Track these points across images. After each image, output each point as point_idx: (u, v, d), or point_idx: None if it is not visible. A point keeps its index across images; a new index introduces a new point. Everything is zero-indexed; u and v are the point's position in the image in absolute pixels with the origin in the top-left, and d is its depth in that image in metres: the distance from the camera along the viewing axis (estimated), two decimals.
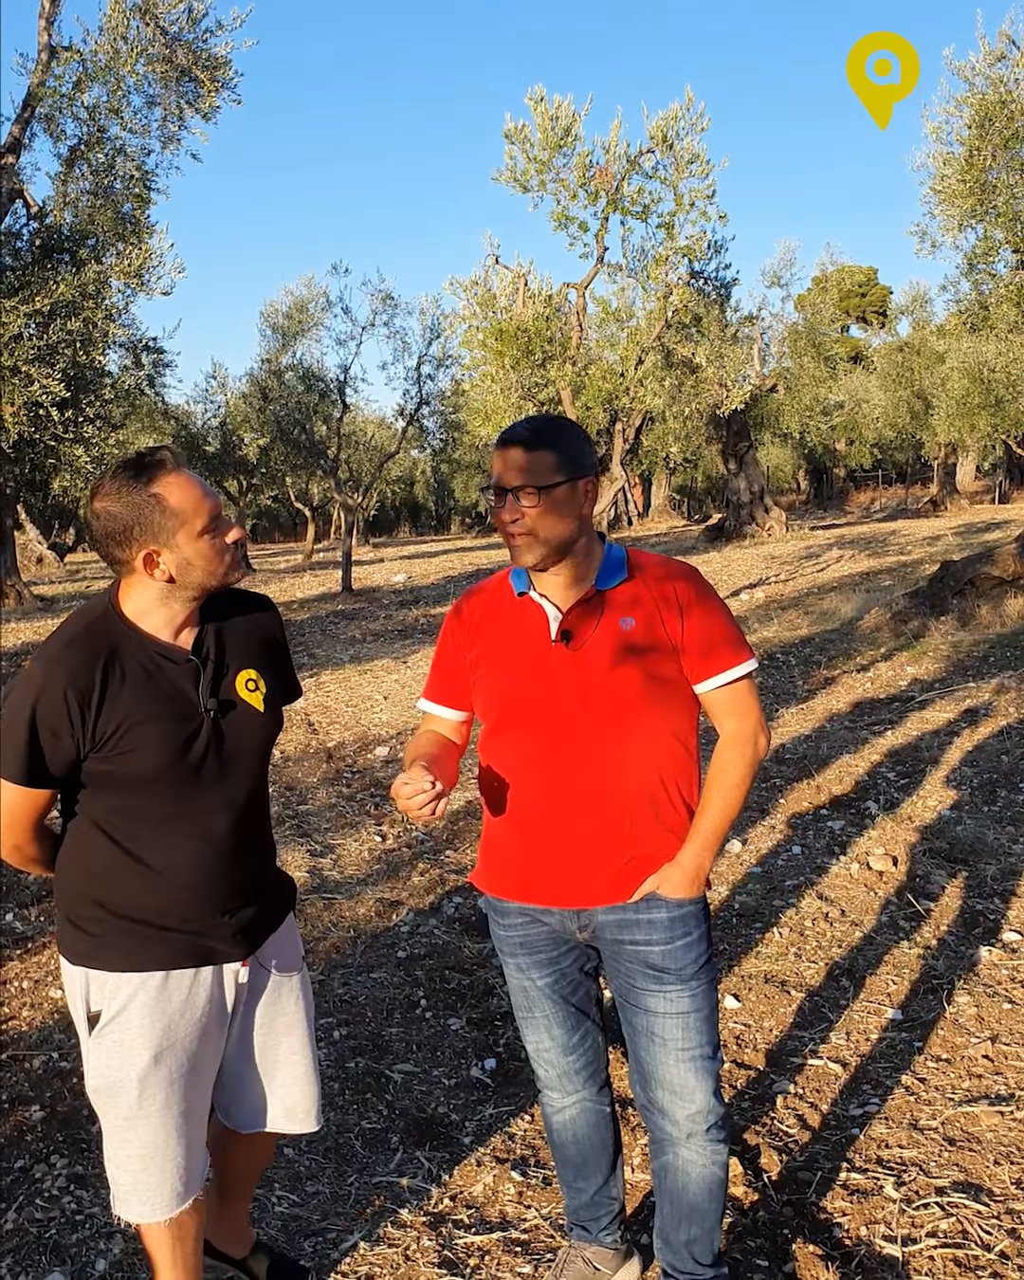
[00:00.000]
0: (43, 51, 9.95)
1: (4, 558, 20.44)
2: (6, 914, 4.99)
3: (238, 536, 2.05)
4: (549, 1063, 2.41)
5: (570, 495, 2.10)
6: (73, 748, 1.95)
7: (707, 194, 10.63)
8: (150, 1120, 2.07)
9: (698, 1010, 2.21)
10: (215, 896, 2.08)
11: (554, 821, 2.18)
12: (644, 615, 2.16)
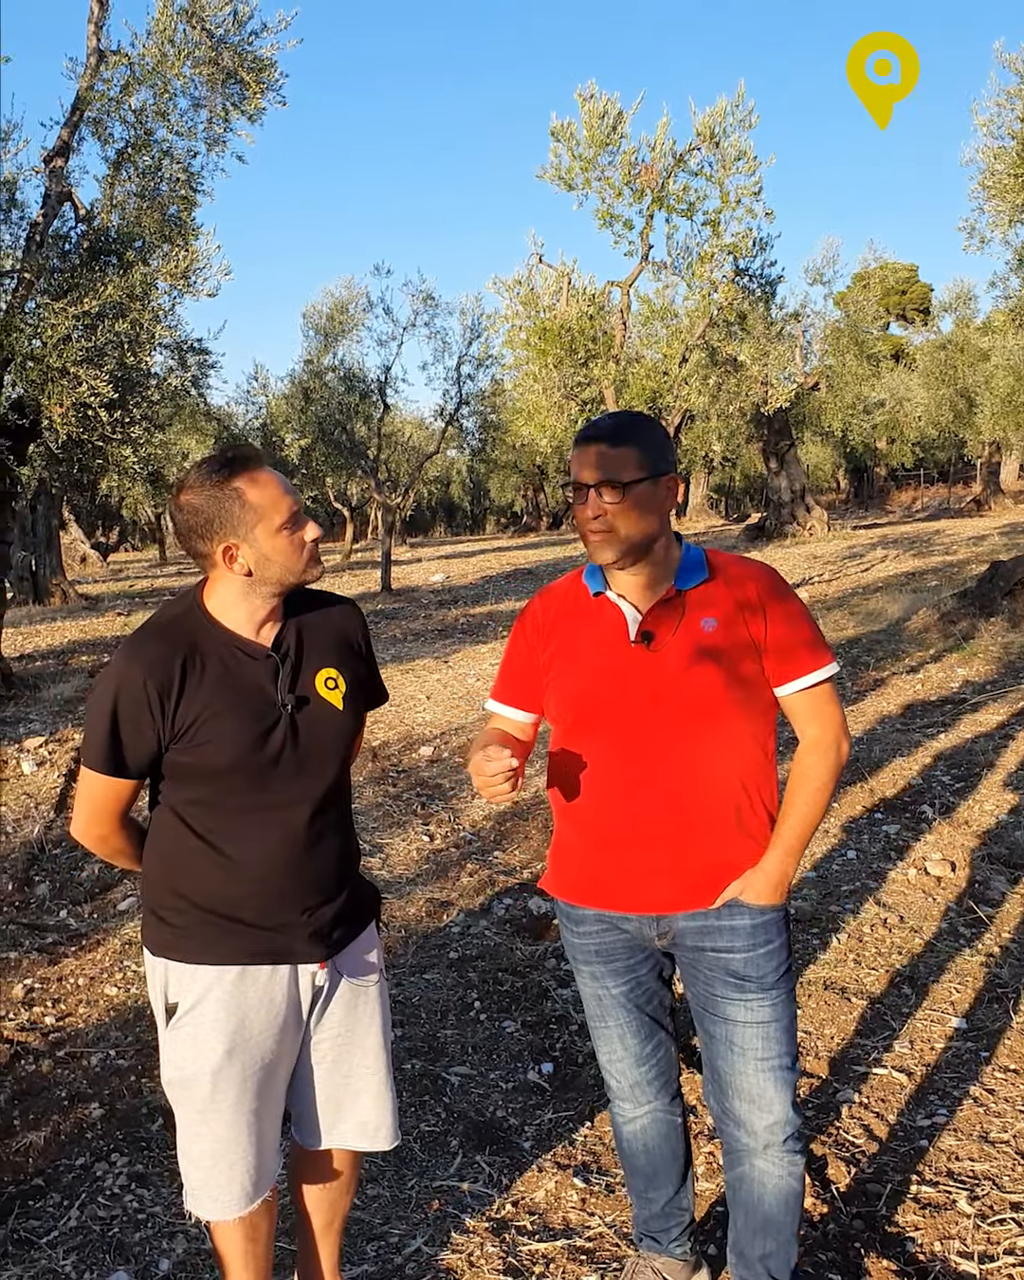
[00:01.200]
0: (91, 55, 9.98)
1: (50, 557, 20.63)
2: (61, 910, 5.02)
3: (316, 534, 2.05)
4: (621, 1073, 2.37)
5: (652, 492, 2.07)
6: (153, 739, 1.98)
7: (753, 191, 10.55)
8: (222, 1115, 2.07)
9: (778, 1020, 2.17)
10: (293, 892, 2.08)
11: (633, 826, 2.14)
12: (725, 617, 2.11)
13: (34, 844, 5.78)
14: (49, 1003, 4.08)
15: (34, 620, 17.57)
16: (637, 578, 2.14)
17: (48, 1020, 3.93)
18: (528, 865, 5.33)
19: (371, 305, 18.64)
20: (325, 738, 2.10)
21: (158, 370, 11.85)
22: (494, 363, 17.93)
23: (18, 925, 4.81)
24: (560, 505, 43.14)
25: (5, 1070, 3.57)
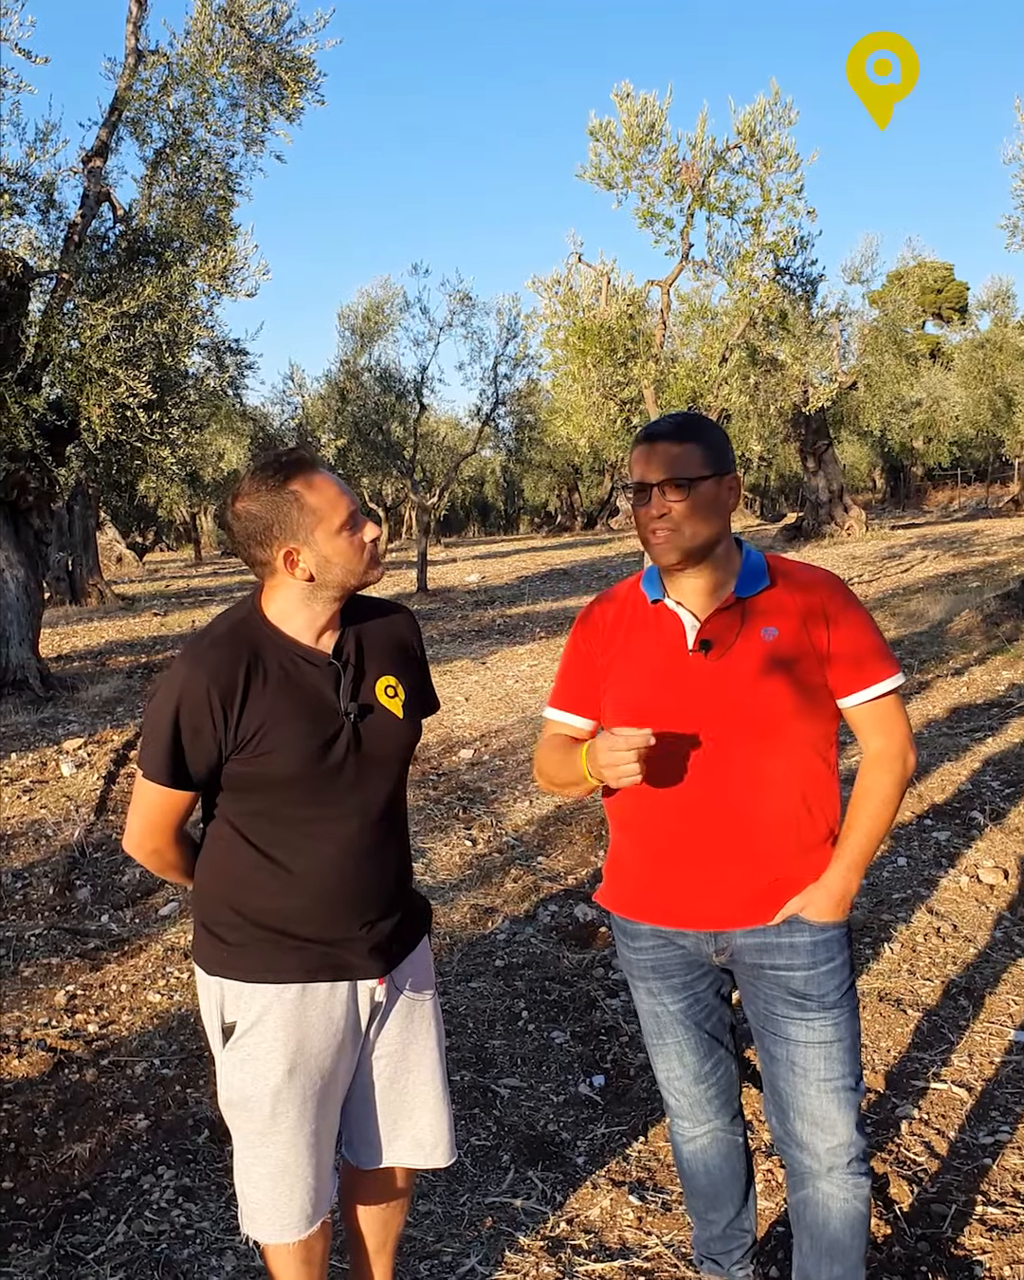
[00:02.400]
0: (130, 55, 9.99)
1: (87, 557, 20.74)
2: (103, 915, 4.99)
3: (376, 534, 2.01)
4: (680, 1091, 2.30)
5: (715, 491, 2.02)
6: (214, 748, 1.93)
7: (794, 189, 10.44)
8: (282, 1137, 2.02)
9: (841, 1039, 2.10)
10: (353, 905, 2.02)
11: (691, 840, 2.07)
12: (788, 625, 2.04)
13: (75, 847, 5.76)
14: (92, 1010, 4.05)
15: (71, 620, 17.66)
16: (696, 582, 2.08)
17: (91, 1028, 3.90)
18: (572, 871, 5.26)
19: (408, 305, 18.62)
20: (387, 747, 2.05)
21: (196, 371, 11.87)
22: (531, 362, 17.89)
23: (59, 930, 4.79)
24: (595, 505, 43.04)
25: (49, 1079, 3.54)
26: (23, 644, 10.36)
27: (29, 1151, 3.16)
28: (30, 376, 9.68)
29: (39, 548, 10.78)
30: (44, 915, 5.00)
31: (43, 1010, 4.04)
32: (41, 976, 4.35)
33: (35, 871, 5.53)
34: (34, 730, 9.02)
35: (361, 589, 2.03)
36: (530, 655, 11.69)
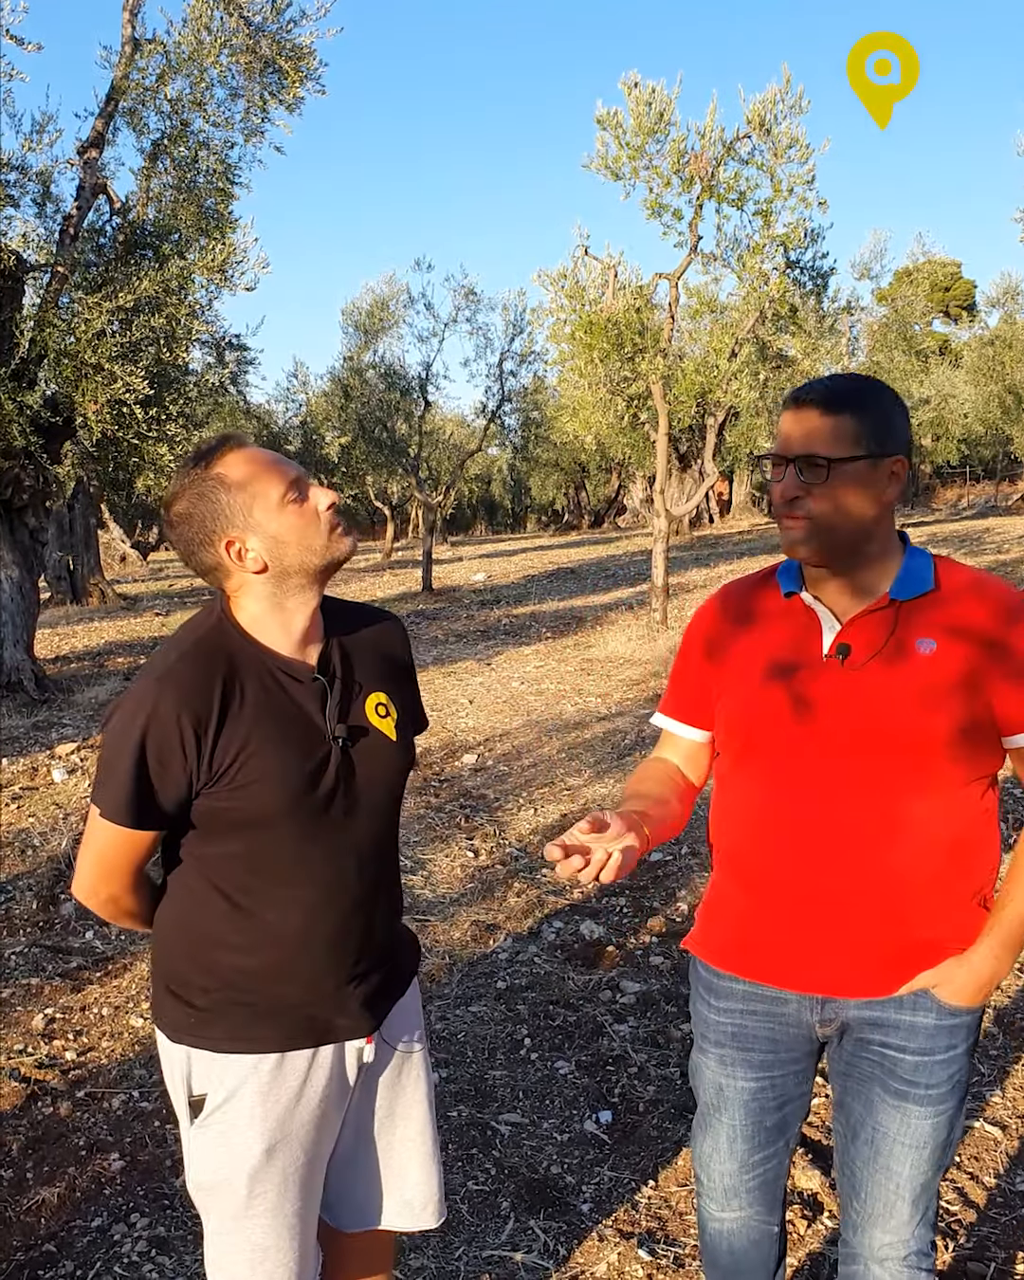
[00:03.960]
0: (126, 44, 9.77)
1: (88, 557, 20.54)
2: (87, 932, 4.77)
3: (331, 500, 1.72)
4: (718, 1173, 1.99)
5: (870, 475, 1.68)
6: (184, 781, 1.65)
7: (805, 179, 10.21)
8: (260, 1220, 1.77)
9: (936, 1141, 1.80)
10: (340, 959, 1.78)
11: (811, 886, 1.75)
12: (948, 639, 1.71)
13: (61, 858, 5.54)
14: (70, 1035, 3.83)
15: (71, 621, 17.47)
16: (842, 579, 1.76)
17: (68, 1055, 3.68)
18: (578, 885, 5.04)
19: (412, 301, 18.37)
20: (380, 774, 1.80)
21: (195, 367, 11.67)
22: (537, 359, 17.63)
23: (41, 948, 4.57)
24: (602, 504, 42.82)
25: (21, 1113, 3.32)
26: (17, 645, 10.15)
27: None
28: (24, 372, 9.47)
29: (35, 547, 10.56)
30: (26, 931, 4.78)
31: (19, 1036, 3.82)
32: (20, 998, 4.13)
33: (19, 884, 5.31)
34: (27, 734, 8.81)
35: (333, 567, 1.74)
36: (536, 656, 11.46)
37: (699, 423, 18.26)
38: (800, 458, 1.67)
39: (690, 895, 4.80)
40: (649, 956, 4.23)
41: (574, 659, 11.10)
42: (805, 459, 1.66)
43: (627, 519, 40.22)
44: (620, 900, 4.80)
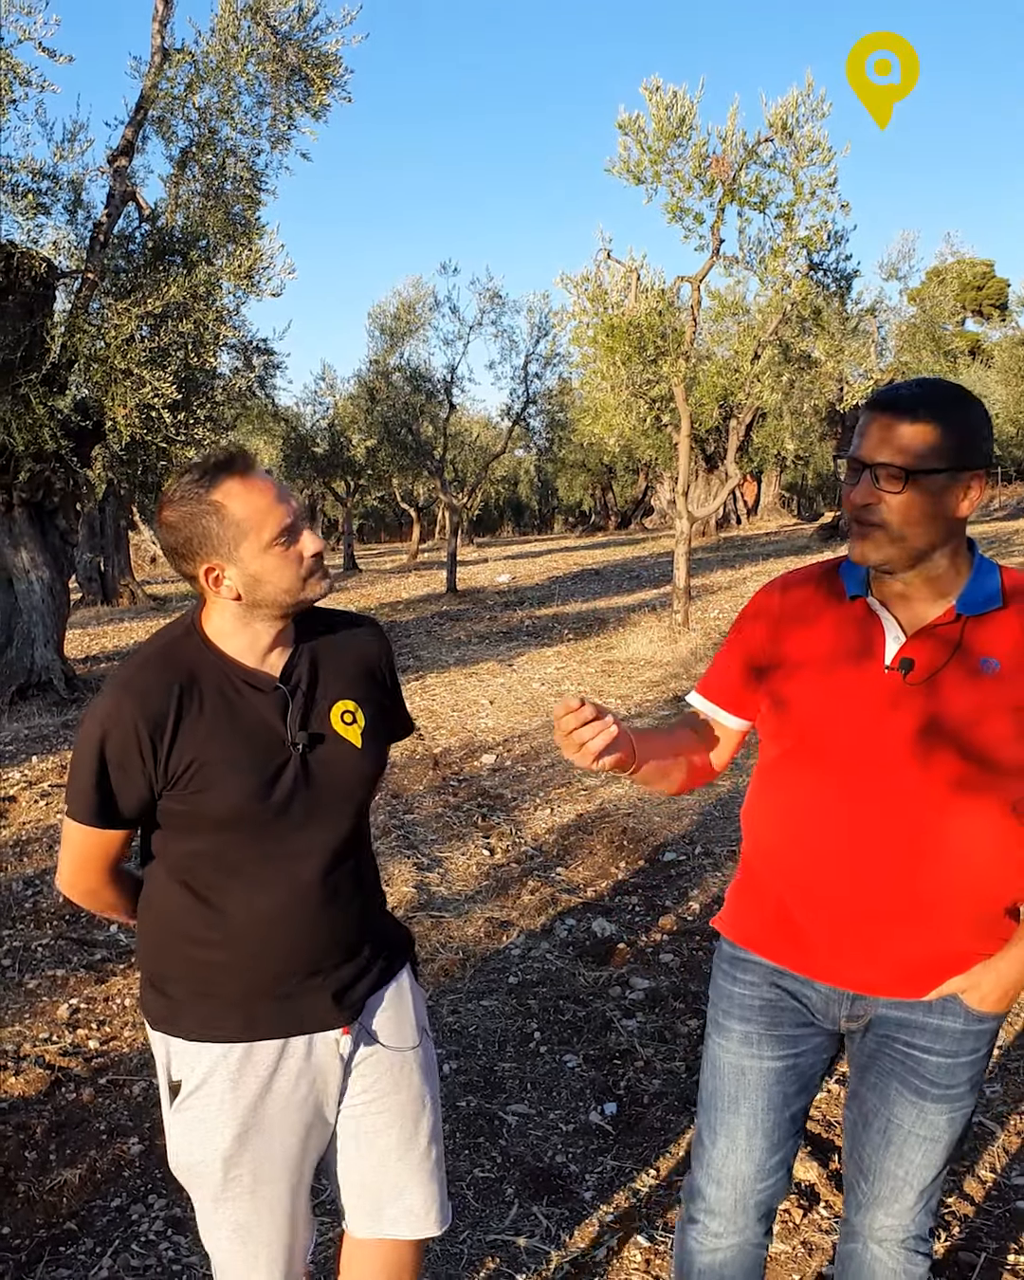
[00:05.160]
0: (156, 54, 9.92)
1: (118, 558, 20.78)
2: (111, 925, 4.89)
3: (317, 548, 1.77)
4: (731, 1182, 1.90)
5: (948, 489, 1.64)
6: (144, 785, 1.74)
7: (827, 182, 10.24)
8: (239, 1201, 1.85)
9: (951, 1137, 1.84)
10: (305, 953, 1.84)
11: (850, 892, 1.75)
12: (1015, 660, 1.69)
13: None
14: (94, 1024, 3.94)
15: (102, 621, 17.68)
16: (909, 587, 1.73)
17: (91, 1044, 3.79)
18: (592, 883, 5.12)
19: (438, 304, 18.55)
20: (342, 780, 1.84)
21: (223, 371, 11.81)
22: (562, 361, 17.73)
23: (67, 940, 4.69)
24: (629, 505, 42.81)
25: (45, 1099, 3.43)
26: (48, 645, 10.32)
27: (18, 1177, 3.05)
28: (55, 377, 9.63)
29: (65, 548, 10.74)
30: (52, 925, 4.91)
31: (44, 1025, 3.94)
32: (46, 989, 4.25)
33: (47, 879, 5.44)
34: (57, 732, 8.97)
35: (304, 605, 1.81)
36: (558, 657, 11.54)
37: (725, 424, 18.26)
38: (879, 464, 1.63)
39: (703, 894, 4.87)
40: (660, 954, 4.31)
41: (596, 660, 11.17)
42: (885, 468, 1.63)
43: (654, 520, 40.21)
44: (633, 899, 4.88)
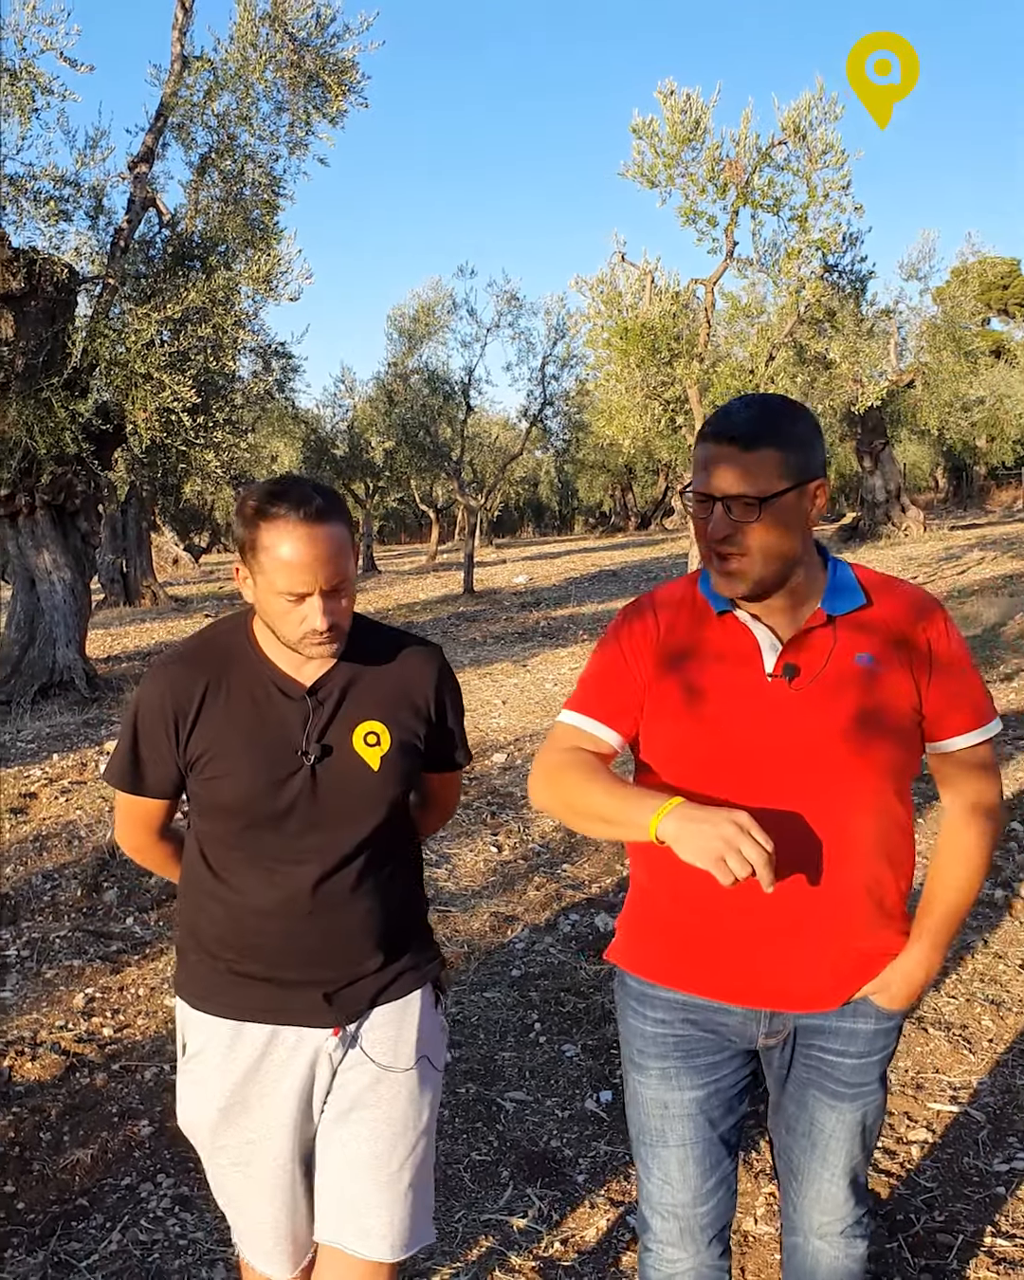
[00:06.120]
0: (175, 62, 10.06)
1: (141, 559, 20.97)
2: (127, 918, 5.01)
3: (323, 627, 1.74)
4: (670, 1212, 1.90)
5: (797, 504, 1.67)
6: (170, 762, 1.87)
7: (841, 185, 10.29)
8: (224, 1172, 1.97)
9: (867, 1127, 1.89)
10: (294, 953, 1.88)
11: (758, 906, 1.72)
12: (886, 651, 1.73)
13: (105, 849, 5.80)
14: (108, 1013, 4.06)
15: (124, 622, 17.87)
16: (776, 598, 1.75)
17: (106, 1031, 3.91)
18: (596, 879, 5.20)
19: (455, 306, 18.64)
20: (348, 797, 1.86)
21: (242, 374, 11.94)
22: (578, 362, 17.83)
23: (84, 932, 4.81)
24: (649, 505, 42.83)
25: (59, 1083, 3.55)
26: (69, 645, 10.48)
27: (33, 1155, 3.17)
28: (76, 381, 9.79)
29: (87, 550, 10.89)
30: (70, 917, 5.03)
31: (60, 1013, 4.06)
32: (63, 979, 4.38)
33: (65, 873, 5.57)
34: (78, 731, 9.12)
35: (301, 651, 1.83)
36: (572, 658, 11.62)
37: None
38: (730, 498, 1.65)
39: None
40: None
41: None
42: (736, 500, 1.64)
43: (674, 520, 40.19)
44: None
